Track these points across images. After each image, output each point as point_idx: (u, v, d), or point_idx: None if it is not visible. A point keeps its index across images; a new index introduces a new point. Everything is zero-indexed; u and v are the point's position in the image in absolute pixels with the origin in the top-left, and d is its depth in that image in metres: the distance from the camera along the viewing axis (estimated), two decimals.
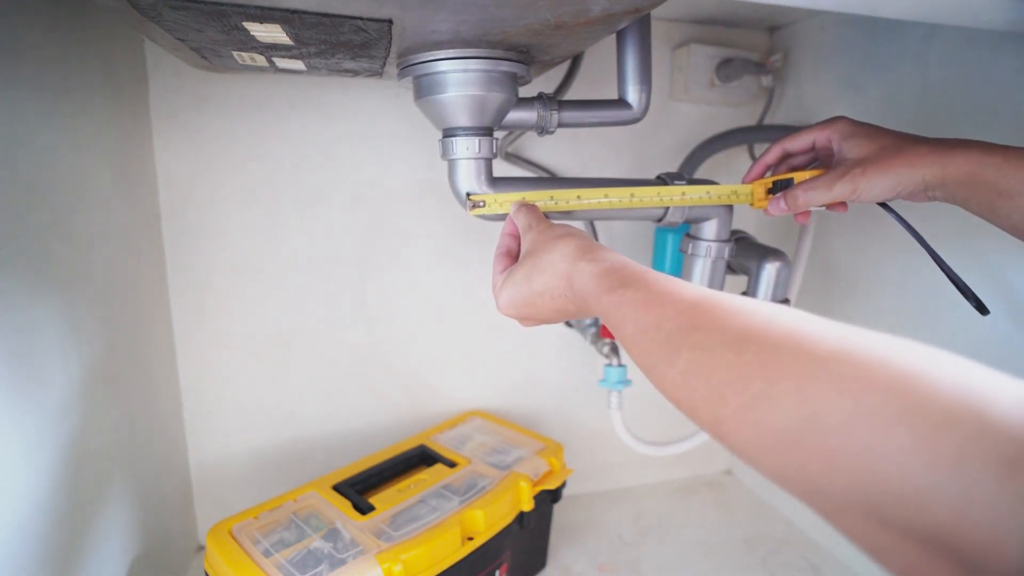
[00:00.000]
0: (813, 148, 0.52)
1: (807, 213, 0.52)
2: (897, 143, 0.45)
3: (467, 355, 0.85)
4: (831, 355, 0.21)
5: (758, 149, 0.87)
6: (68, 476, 0.48)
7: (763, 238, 0.76)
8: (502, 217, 0.51)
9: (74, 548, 0.49)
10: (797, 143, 0.52)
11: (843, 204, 0.50)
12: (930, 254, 0.49)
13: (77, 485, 0.50)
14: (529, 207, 0.47)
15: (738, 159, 0.88)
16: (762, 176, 0.54)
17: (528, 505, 0.65)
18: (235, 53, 0.47)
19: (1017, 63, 0.56)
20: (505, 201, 0.49)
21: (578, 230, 0.42)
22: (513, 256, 0.46)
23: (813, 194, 0.48)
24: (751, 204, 0.54)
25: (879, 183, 0.45)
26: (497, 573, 0.65)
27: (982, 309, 0.47)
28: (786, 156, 0.54)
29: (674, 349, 0.27)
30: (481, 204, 0.49)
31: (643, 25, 0.54)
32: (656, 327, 0.29)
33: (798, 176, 0.51)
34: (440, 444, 0.74)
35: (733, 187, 0.53)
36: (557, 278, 0.39)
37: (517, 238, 0.47)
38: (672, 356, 0.27)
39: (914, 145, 0.45)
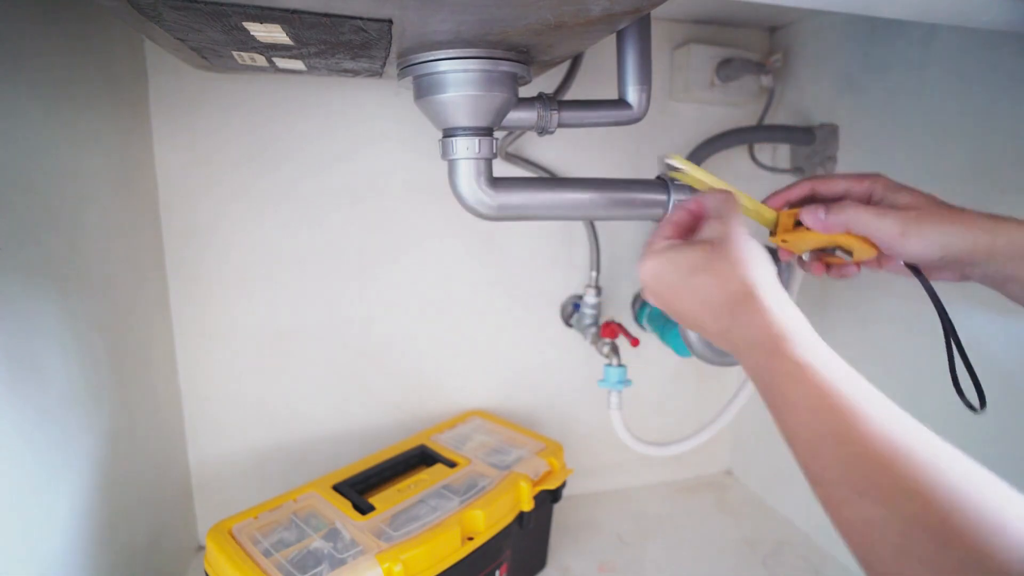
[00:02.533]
0: (845, 198, 0.46)
1: (822, 266, 0.48)
2: (949, 206, 0.41)
3: (467, 355, 0.85)
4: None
5: (758, 149, 0.87)
6: (68, 476, 0.48)
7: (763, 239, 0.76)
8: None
9: (74, 548, 0.49)
10: (829, 187, 0.46)
11: (840, 265, 0.46)
12: (951, 337, 0.44)
13: (77, 485, 0.50)
14: (731, 197, 0.41)
15: (738, 159, 0.88)
16: (781, 209, 0.48)
17: (528, 505, 0.65)
18: (235, 53, 0.47)
19: (1016, 63, 0.56)
20: (702, 179, 0.45)
21: (767, 256, 0.38)
22: (682, 231, 0.42)
23: (859, 214, 0.42)
24: (771, 232, 0.48)
25: (929, 234, 0.40)
26: (497, 573, 0.65)
27: (977, 406, 0.44)
28: (812, 198, 0.47)
29: (858, 487, 0.26)
30: (678, 169, 0.45)
31: (643, 25, 0.54)
32: (836, 439, 0.28)
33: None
34: (440, 444, 0.74)
35: (760, 206, 0.47)
36: (722, 293, 0.35)
37: (696, 217, 0.42)
38: (854, 493, 0.26)
39: (966, 210, 0.41)
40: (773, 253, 0.47)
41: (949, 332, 0.44)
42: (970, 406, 0.44)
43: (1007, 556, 0.22)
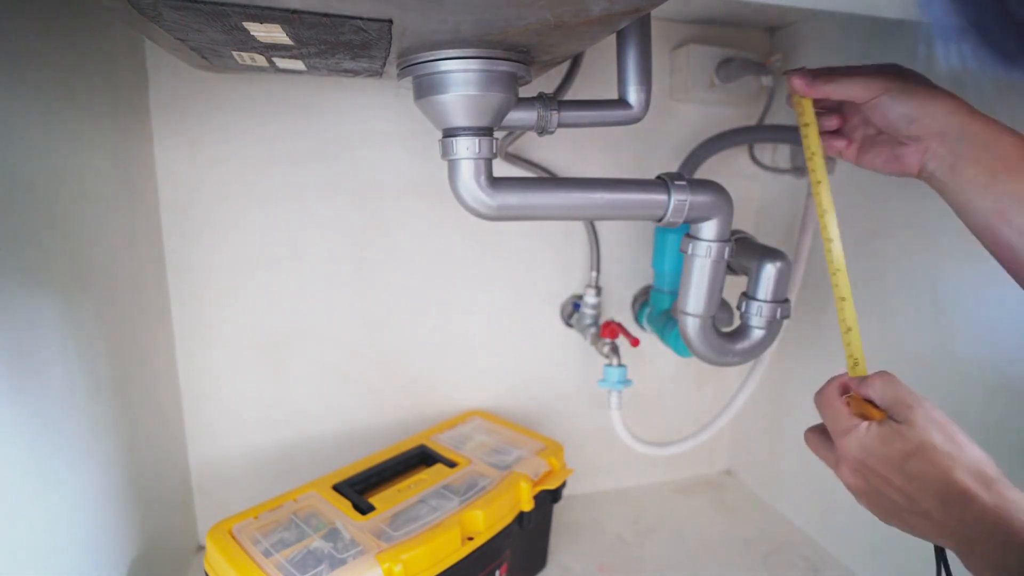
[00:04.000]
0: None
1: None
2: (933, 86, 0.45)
3: (467, 355, 0.85)
4: None
5: (758, 149, 0.87)
6: (68, 476, 0.48)
7: (763, 238, 0.76)
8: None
9: (74, 548, 0.49)
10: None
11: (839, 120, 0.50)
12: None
13: (76, 485, 0.50)
14: (893, 379, 0.42)
15: (738, 159, 0.88)
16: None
17: (528, 505, 0.65)
18: (235, 53, 0.47)
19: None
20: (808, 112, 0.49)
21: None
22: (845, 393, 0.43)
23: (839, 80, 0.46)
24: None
25: (901, 107, 0.44)
26: (497, 573, 0.65)
27: None
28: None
29: None
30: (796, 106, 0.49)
31: (643, 25, 0.54)
32: None
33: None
34: (440, 444, 0.74)
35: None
36: (944, 481, 0.35)
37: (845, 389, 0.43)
38: None
39: (947, 93, 0.44)
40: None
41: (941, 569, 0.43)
42: None
43: None
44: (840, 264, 0.50)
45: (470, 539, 0.59)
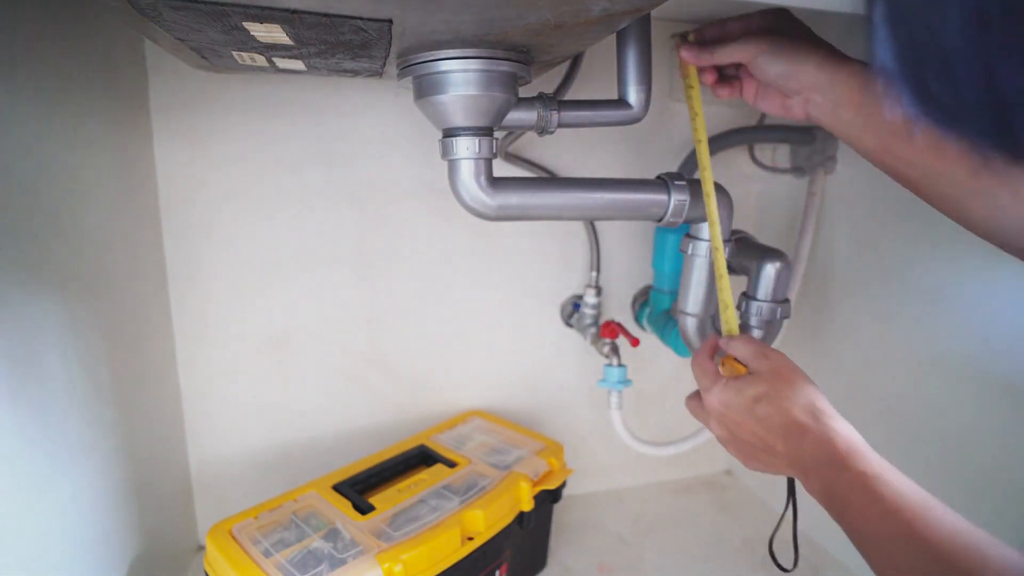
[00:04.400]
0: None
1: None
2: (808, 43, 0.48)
3: (467, 355, 0.85)
4: None
5: (758, 149, 0.87)
6: (68, 476, 0.48)
7: (763, 238, 0.76)
8: None
9: (74, 548, 0.49)
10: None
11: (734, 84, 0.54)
12: (791, 503, 0.53)
13: (76, 485, 0.50)
14: (753, 339, 0.49)
15: (738, 159, 0.88)
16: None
17: (528, 505, 0.65)
18: (235, 53, 0.47)
19: None
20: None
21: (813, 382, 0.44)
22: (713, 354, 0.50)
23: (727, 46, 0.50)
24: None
25: (777, 65, 0.47)
26: (497, 573, 0.65)
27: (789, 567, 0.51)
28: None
29: None
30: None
31: (643, 25, 0.54)
32: (904, 540, 0.31)
33: None
34: (440, 444, 0.74)
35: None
36: (787, 419, 0.40)
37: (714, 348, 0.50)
38: None
39: (821, 49, 0.47)
40: None
41: (792, 502, 0.51)
42: (779, 566, 0.52)
43: None
44: (718, 243, 0.54)
45: (470, 539, 0.59)
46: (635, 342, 0.81)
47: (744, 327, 0.62)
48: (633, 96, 0.56)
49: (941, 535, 0.30)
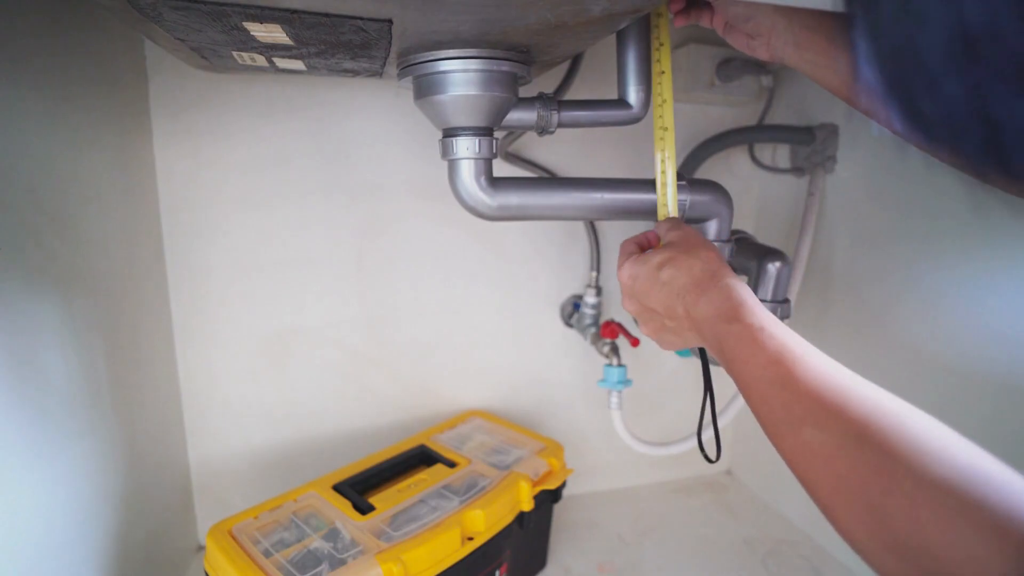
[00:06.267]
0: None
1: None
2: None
3: (467, 355, 0.85)
4: (946, 484, 0.24)
5: (758, 149, 0.87)
6: (68, 476, 0.48)
7: (763, 238, 0.76)
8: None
9: (74, 548, 0.49)
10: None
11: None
12: (708, 393, 0.52)
13: (77, 485, 0.50)
14: (678, 220, 0.51)
15: (738, 159, 0.88)
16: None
17: (528, 505, 0.65)
18: (235, 53, 0.47)
19: None
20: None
21: (718, 249, 0.44)
22: (642, 249, 0.50)
23: None
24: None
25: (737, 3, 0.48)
26: (497, 573, 0.65)
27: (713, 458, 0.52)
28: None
29: (798, 419, 0.30)
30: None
31: (643, 25, 0.54)
32: (780, 384, 0.32)
33: None
34: (440, 444, 0.74)
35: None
36: (687, 279, 0.42)
37: (652, 241, 0.50)
38: (795, 424, 0.30)
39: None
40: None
41: (708, 388, 0.52)
42: (707, 458, 0.53)
43: (940, 471, 0.24)
44: (669, 123, 0.53)
45: (470, 539, 0.59)
46: (635, 342, 0.81)
47: None
48: (633, 96, 0.56)
49: (812, 376, 0.32)
